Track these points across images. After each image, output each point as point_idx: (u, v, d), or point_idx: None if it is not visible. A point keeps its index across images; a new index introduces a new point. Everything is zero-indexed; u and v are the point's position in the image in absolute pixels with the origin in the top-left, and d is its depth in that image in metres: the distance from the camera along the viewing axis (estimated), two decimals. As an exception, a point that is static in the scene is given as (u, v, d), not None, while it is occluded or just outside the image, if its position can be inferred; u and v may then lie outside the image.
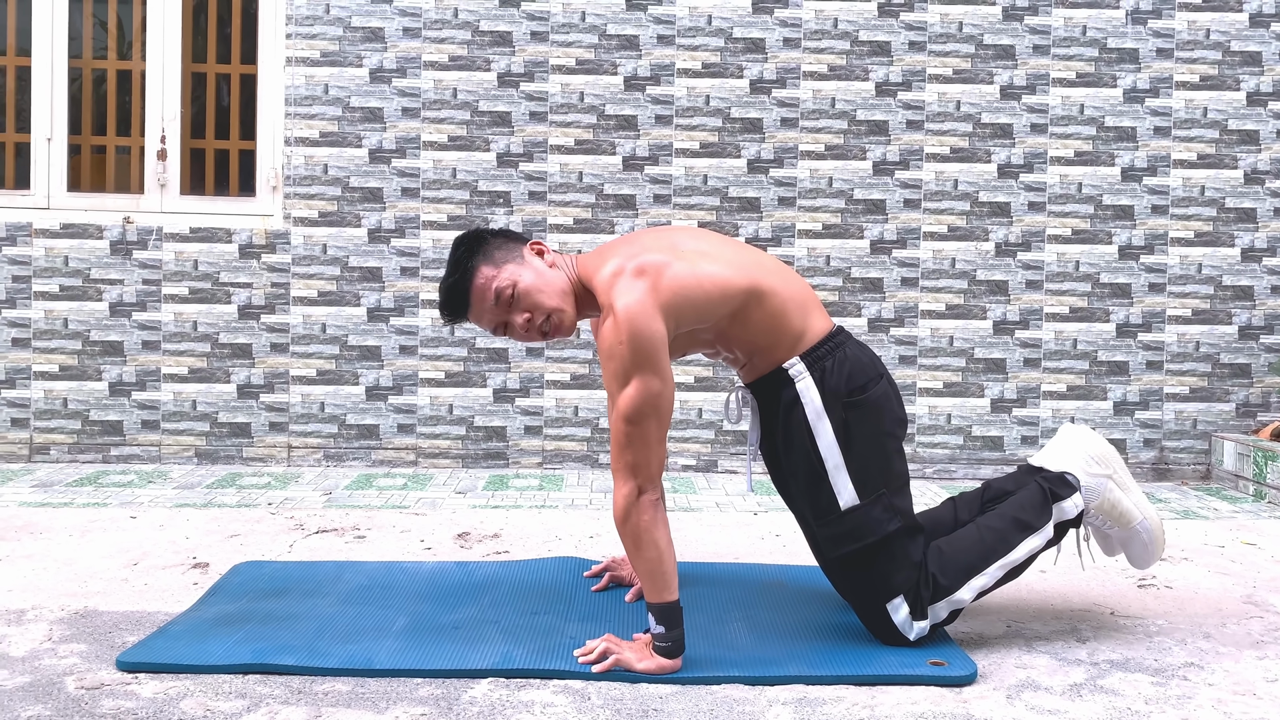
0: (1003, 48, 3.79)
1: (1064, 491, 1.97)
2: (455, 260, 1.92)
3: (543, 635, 1.97)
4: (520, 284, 1.89)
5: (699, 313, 1.87)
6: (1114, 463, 2.01)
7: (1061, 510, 1.96)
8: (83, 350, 3.73)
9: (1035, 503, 1.95)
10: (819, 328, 1.94)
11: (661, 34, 3.76)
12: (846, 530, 1.89)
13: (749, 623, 2.06)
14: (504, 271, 1.89)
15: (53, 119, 3.73)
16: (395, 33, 3.74)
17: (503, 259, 1.91)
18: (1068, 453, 2.01)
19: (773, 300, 1.90)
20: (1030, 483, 1.99)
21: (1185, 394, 3.84)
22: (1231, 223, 3.83)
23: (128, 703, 1.68)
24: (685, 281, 1.84)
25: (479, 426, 3.78)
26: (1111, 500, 1.99)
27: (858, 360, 1.92)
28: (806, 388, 1.89)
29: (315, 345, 3.76)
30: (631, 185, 3.77)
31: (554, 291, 1.91)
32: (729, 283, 1.88)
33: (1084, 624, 2.14)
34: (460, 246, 1.93)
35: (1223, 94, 3.81)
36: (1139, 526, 2.01)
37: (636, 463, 1.80)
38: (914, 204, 3.80)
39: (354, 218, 3.75)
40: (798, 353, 1.91)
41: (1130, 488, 2.01)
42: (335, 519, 2.97)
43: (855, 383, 1.90)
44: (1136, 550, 2.03)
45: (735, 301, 1.89)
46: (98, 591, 2.26)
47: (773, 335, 1.91)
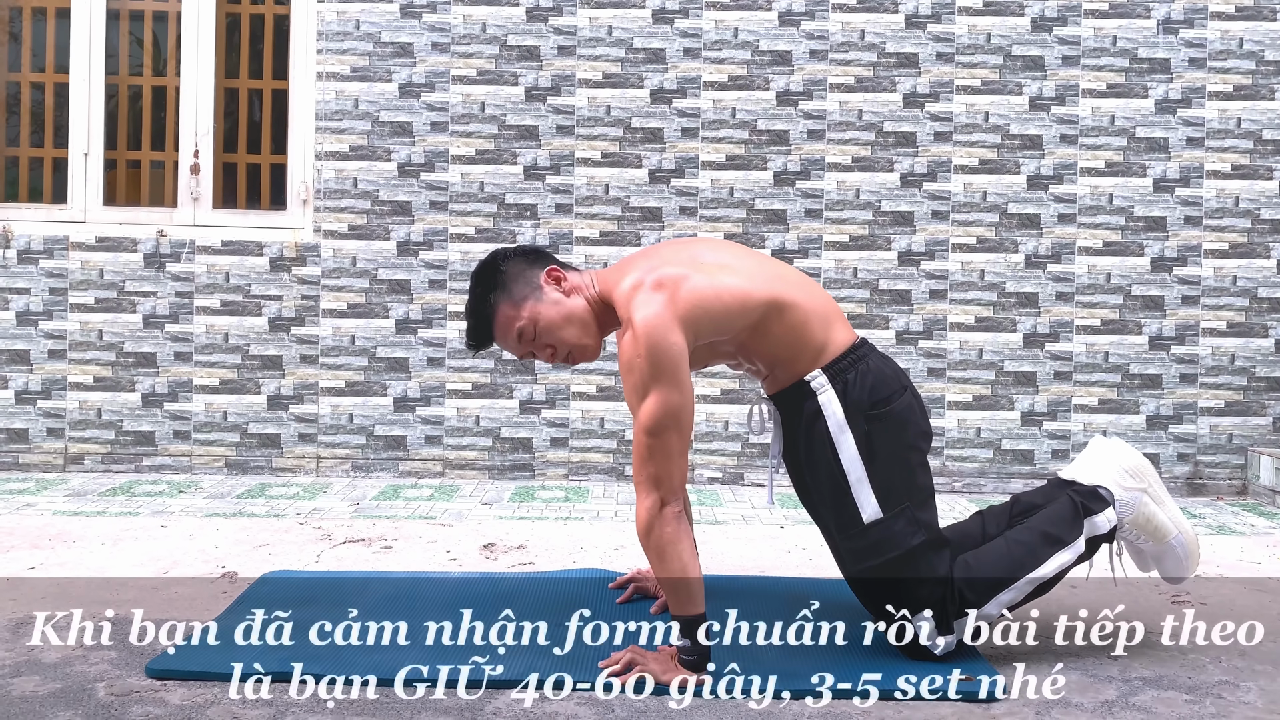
0: (1032, 58, 3.77)
1: (1097, 506, 1.93)
2: (475, 296, 1.95)
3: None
4: (541, 323, 1.92)
5: (718, 325, 1.87)
6: (1149, 476, 1.97)
7: (1094, 525, 1.93)
8: (117, 361, 3.78)
9: (1066, 517, 1.92)
10: (841, 340, 1.93)
11: (688, 47, 3.77)
12: (870, 544, 1.87)
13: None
14: (524, 310, 1.92)
15: (89, 134, 3.80)
16: (424, 48, 3.78)
17: (522, 295, 1.93)
18: (1101, 466, 1.97)
19: (794, 313, 1.89)
20: (1061, 496, 1.96)
21: (1220, 408, 3.78)
22: (1266, 234, 3.77)
23: (156, 709, 1.70)
24: (704, 294, 1.84)
25: (505, 438, 3.79)
26: (1147, 514, 1.95)
27: (881, 372, 1.91)
28: (829, 400, 1.88)
29: (344, 357, 3.79)
30: (658, 198, 3.77)
31: (575, 325, 1.93)
32: (748, 295, 1.87)
33: (1116, 640, 2.11)
34: (479, 280, 1.95)
35: (1257, 104, 3.76)
36: (1174, 541, 1.97)
37: (658, 475, 1.80)
38: (942, 216, 3.78)
39: (383, 231, 3.78)
40: (820, 365, 1.90)
41: (1165, 501, 1.98)
42: (362, 529, 2.99)
43: (878, 395, 1.88)
44: (1170, 565, 1.99)
45: (755, 314, 1.88)
46: (129, 599, 2.28)
47: (794, 348, 1.90)
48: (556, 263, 2.00)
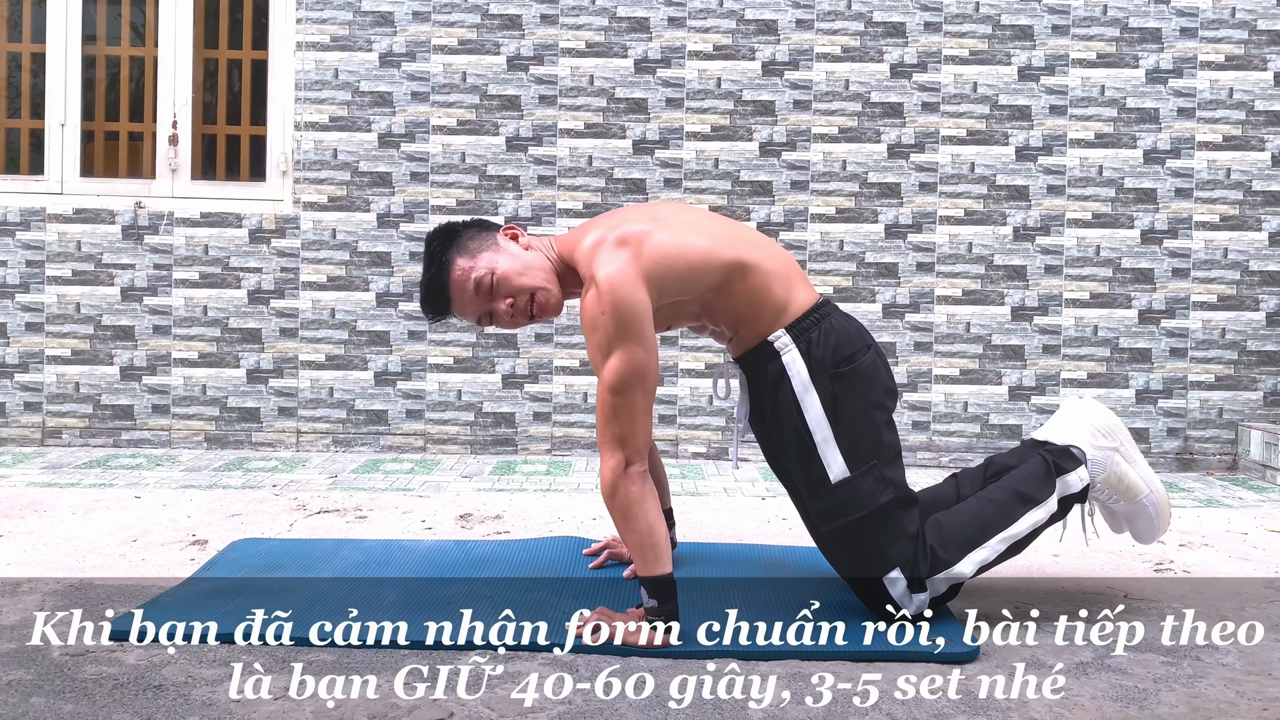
0: (1021, 28, 3.71)
1: (1069, 465, 1.91)
2: (429, 256, 1.90)
3: (536, 610, 1.93)
4: (498, 270, 1.87)
5: (682, 283, 1.84)
6: (1120, 435, 1.95)
7: (1066, 484, 1.91)
8: (94, 335, 3.74)
9: (1038, 475, 1.89)
10: (803, 300, 1.90)
11: (672, 16, 3.72)
12: (838, 503, 1.84)
13: (748, 600, 2.01)
14: (480, 260, 1.87)
15: (66, 105, 3.75)
16: (405, 17, 3.72)
17: (477, 249, 1.89)
18: (1073, 425, 1.95)
19: (756, 274, 1.87)
20: (1034, 456, 1.93)
21: (1210, 382, 3.74)
22: (1258, 206, 3.73)
23: (110, 669, 1.66)
24: (668, 250, 1.81)
25: (488, 412, 3.75)
26: (1118, 474, 1.94)
27: (844, 331, 1.88)
28: (793, 359, 1.85)
29: (324, 330, 3.75)
30: (642, 169, 3.73)
31: (534, 271, 1.88)
32: (712, 254, 1.85)
33: (1096, 606, 2.07)
34: (433, 242, 1.91)
35: (1249, 74, 3.71)
36: (1145, 500, 1.95)
37: (623, 434, 1.77)
38: (930, 188, 3.73)
39: (363, 202, 3.74)
40: (782, 325, 1.87)
41: (1137, 460, 1.96)
42: (338, 500, 2.95)
43: (842, 353, 1.86)
44: (1142, 524, 1.98)
45: (718, 274, 1.86)
46: (95, 566, 2.25)
47: (757, 307, 1.88)
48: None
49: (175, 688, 1.59)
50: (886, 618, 1.87)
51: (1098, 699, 1.61)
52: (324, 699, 1.57)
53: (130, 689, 1.59)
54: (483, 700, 1.57)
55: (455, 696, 1.58)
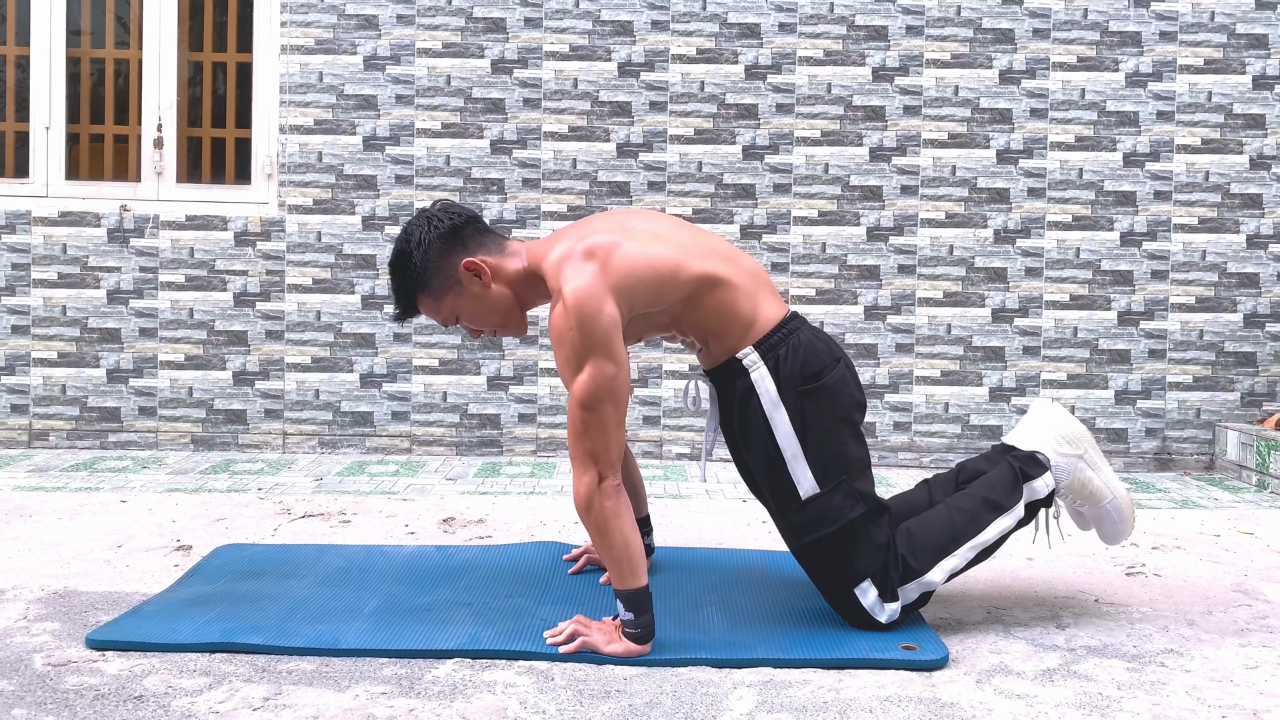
0: (1002, 31, 3.74)
1: (1034, 471, 1.95)
2: (395, 288, 1.92)
3: (513, 617, 1.95)
4: (463, 315, 1.95)
5: (651, 294, 1.84)
6: (1084, 442, 1.99)
7: (1032, 490, 1.95)
8: (81, 337, 3.75)
9: (1006, 483, 1.93)
10: (771, 314, 1.90)
11: (656, 19, 3.74)
12: (808, 519, 1.87)
13: (723, 607, 2.05)
14: (445, 305, 1.93)
15: (51, 108, 3.75)
16: (389, 20, 3.73)
17: (441, 290, 1.90)
18: (1038, 432, 1.99)
19: (725, 288, 1.87)
20: (1002, 462, 1.97)
21: (1188, 383, 3.78)
22: (1236, 209, 3.76)
23: (91, 679, 1.69)
24: (636, 262, 1.81)
25: (473, 414, 3.78)
26: (1082, 479, 1.98)
27: (812, 346, 1.89)
28: (761, 377, 1.87)
29: (310, 333, 3.76)
30: (626, 172, 3.75)
31: (497, 313, 1.94)
32: (680, 266, 1.85)
33: (1066, 611, 2.11)
34: (396, 275, 1.91)
35: (1228, 78, 3.74)
36: (1109, 506, 2.00)
37: (595, 449, 1.77)
38: (911, 190, 3.76)
39: (348, 205, 3.75)
40: (750, 341, 1.88)
41: (1100, 466, 2.01)
42: (322, 504, 2.97)
43: (810, 370, 1.87)
44: (1107, 528, 2.03)
45: (688, 286, 1.86)
46: (79, 573, 2.27)
47: (725, 321, 1.88)
48: (476, 231, 1.91)
49: (155, 698, 1.62)
50: (859, 626, 1.90)
51: (1061, 706, 1.65)
52: (303, 708, 1.59)
53: (111, 700, 1.61)
54: (459, 711, 1.59)
55: (433, 705, 1.61)
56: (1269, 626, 2.04)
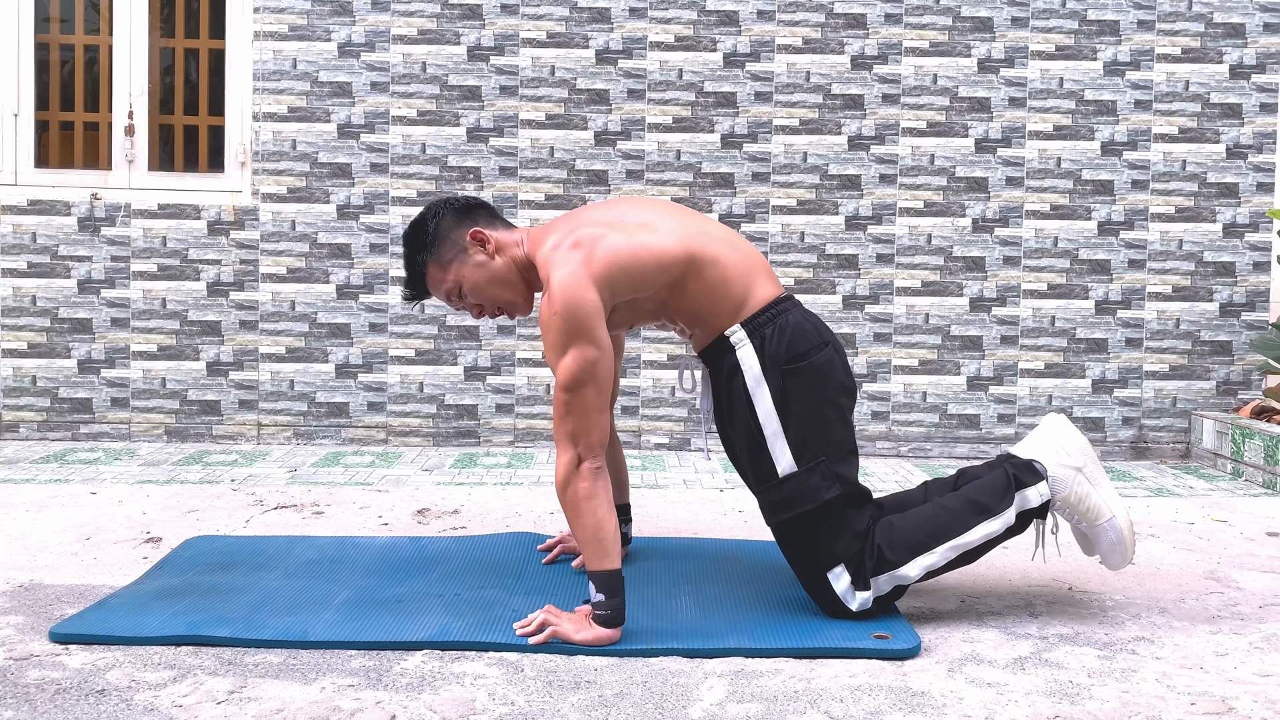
0: (980, 20, 3.73)
1: (1029, 479, 1.91)
2: (406, 256, 2.03)
3: (485, 608, 1.94)
4: (466, 284, 1.99)
5: (635, 282, 1.88)
6: (1085, 457, 1.94)
7: (1025, 498, 1.90)
8: (51, 327, 3.70)
9: (997, 488, 1.90)
10: (763, 295, 1.93)
11: (633, 6, 3.71)
12: (785, 497, 1.88)
13: (696, 596, 2.04)
14: (450, 273, 1.99)
15: (19, 95, 3.69)
16: (363, 6, 3.69)
17: (449, 257, 1.99)
18: (1040, 442, 1.95)
19: (713, 269, 1.91)
20: (999, 468, 1.94)
21: (1165, 372, 3.80)
22: (1213, 198, 3.77)
23: (54, 673, 1.66)
24: (620, 252, 1.86)
25: (450, 405, 3.75)
26: (1079, 494, 1.92)
27: (800, 327, 1.90)
28: (746, 355, 1.89)
29: (284, 323, 3.73)
30: (604, 160, 3.72)
31: (499, 284, 2.00)
32: (665, 252, 1.89)
33: (1039, 599, 2.11)
34: (409, 242, 2.02)
35: (1205, 66, 3.75)
36: (1106, 525, 1.93)
37: (576, 431, 1.81)
38: (890, 179, 3.75)
39: (323, 194, 3.71)
40: (739, 320, 1.91)
41: (1100, 483, 1.94)
42: (296, 495, 2.94)
43: (796, 349, 1.89)
44: (1105, 549, 1.95)
45: (673, 271, 1.90)
46: (45, 565, 2.24)
47: (714, 304, 1.92)
48: (488, 213, 2.04)
49: (118, 692, 1.60)
50: (831, 613, 1.90)
51: (1031, 694, 1.65)
52: (268, 701, 1.57)
53: (73, 694, 1.59)
54: (427, 703, 1.58)
55: (400, 697, 1.59)
56: (1240, 614, 2.05)
